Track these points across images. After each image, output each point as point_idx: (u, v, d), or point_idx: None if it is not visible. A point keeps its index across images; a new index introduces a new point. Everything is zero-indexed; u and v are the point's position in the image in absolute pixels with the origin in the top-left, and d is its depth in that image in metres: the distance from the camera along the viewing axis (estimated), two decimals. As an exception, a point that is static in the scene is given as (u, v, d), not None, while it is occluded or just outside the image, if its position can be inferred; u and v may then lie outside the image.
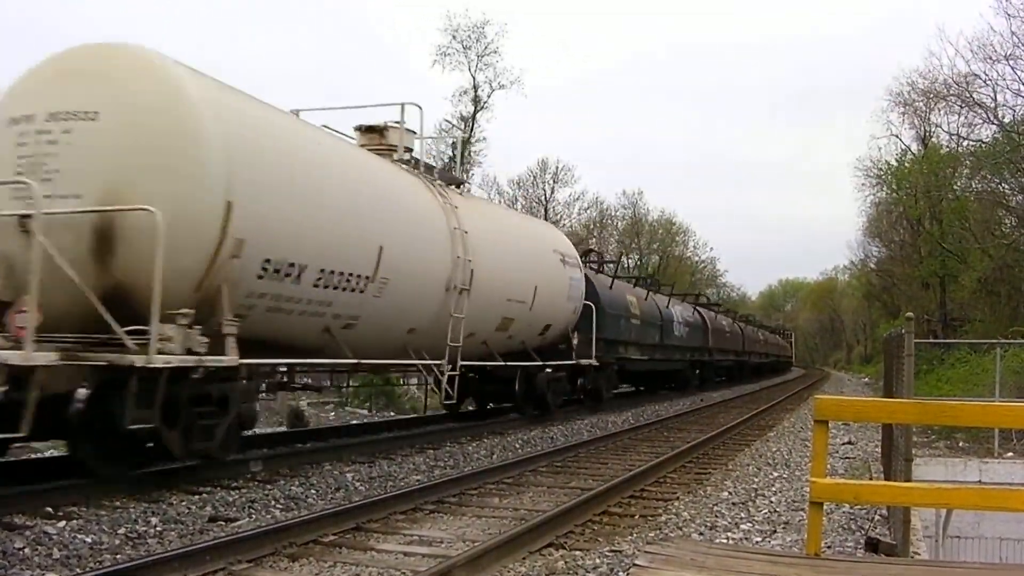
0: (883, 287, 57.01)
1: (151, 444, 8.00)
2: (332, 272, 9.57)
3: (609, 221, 59.83)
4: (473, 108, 39.53)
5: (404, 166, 12.62)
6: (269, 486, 8.61)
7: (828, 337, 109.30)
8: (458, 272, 12.45)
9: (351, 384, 17.30)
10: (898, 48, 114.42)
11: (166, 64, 8.10)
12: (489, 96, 39.65)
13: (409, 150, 13.02)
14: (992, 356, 16.26)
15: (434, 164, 15.78)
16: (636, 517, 7.79)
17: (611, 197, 66.45)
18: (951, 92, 30.98)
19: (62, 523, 6.61)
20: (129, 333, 7.18)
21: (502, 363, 14.90)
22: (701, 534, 7.18)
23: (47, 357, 6.69)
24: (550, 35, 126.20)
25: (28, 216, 7.01)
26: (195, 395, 7.93)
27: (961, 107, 30.72)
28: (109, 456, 7.99)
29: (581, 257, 19.44)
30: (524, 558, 6.14)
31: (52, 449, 10.51)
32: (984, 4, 48.79)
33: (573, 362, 17.44)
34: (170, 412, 7.60)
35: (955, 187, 34.26)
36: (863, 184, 43.91)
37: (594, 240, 53.77)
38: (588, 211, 54.76)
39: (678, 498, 8.79)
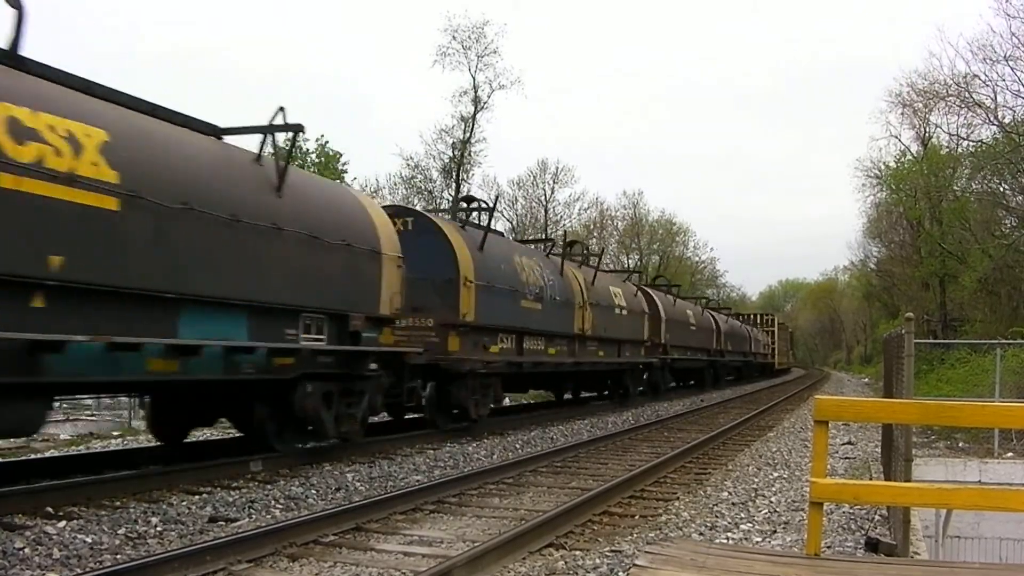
0: (883, 287, 56.97)
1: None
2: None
3: (609, 221, 59.78)
4: (473, 108, 39.55)
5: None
6: (269, 486, 8.62)
7: (828, 337, 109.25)
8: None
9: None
10: (899, 47, 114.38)
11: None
12: (489, 96, 39.67)
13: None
14: (992, 356, 16.24)
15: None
16: (636, 517, 7.80)
17: (611, 197, 66.51)
18: (951, 93, 30.92)
19: (62, 523, 6.62)
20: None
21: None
22: (701, 534, 7.18)
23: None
24: (550, 35, 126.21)
25: None
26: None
27: (961, 108, 30.64)
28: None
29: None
30: (524, 558, 6.14)
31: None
32: (984, 4, 48.80)
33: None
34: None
35: (955, 188, 34.23)
36: (863, 185, 44.07)
37: (594, 240, 53.69)
38: (588, 211, 54.72)
39: (678, 498, 8.80)
